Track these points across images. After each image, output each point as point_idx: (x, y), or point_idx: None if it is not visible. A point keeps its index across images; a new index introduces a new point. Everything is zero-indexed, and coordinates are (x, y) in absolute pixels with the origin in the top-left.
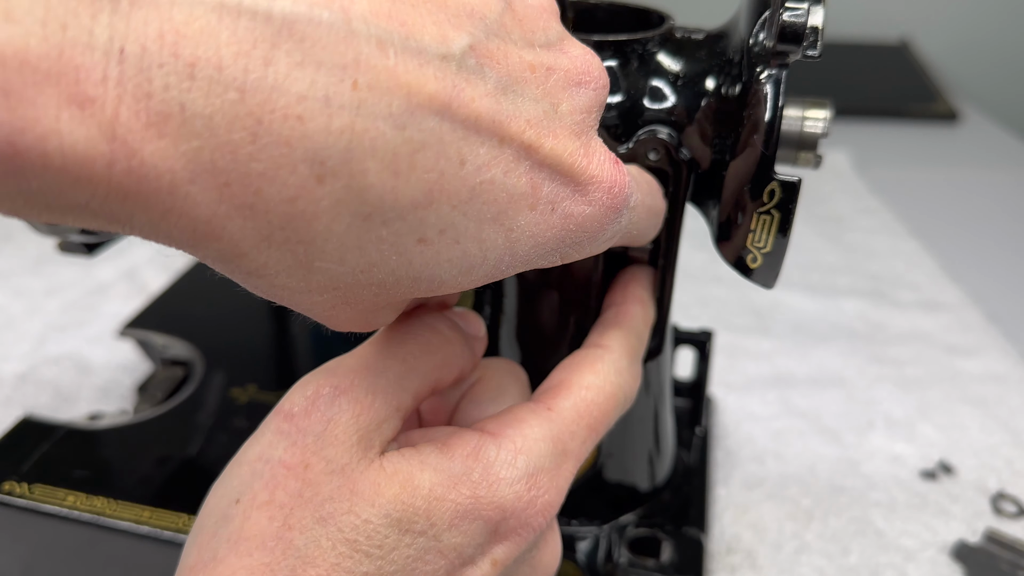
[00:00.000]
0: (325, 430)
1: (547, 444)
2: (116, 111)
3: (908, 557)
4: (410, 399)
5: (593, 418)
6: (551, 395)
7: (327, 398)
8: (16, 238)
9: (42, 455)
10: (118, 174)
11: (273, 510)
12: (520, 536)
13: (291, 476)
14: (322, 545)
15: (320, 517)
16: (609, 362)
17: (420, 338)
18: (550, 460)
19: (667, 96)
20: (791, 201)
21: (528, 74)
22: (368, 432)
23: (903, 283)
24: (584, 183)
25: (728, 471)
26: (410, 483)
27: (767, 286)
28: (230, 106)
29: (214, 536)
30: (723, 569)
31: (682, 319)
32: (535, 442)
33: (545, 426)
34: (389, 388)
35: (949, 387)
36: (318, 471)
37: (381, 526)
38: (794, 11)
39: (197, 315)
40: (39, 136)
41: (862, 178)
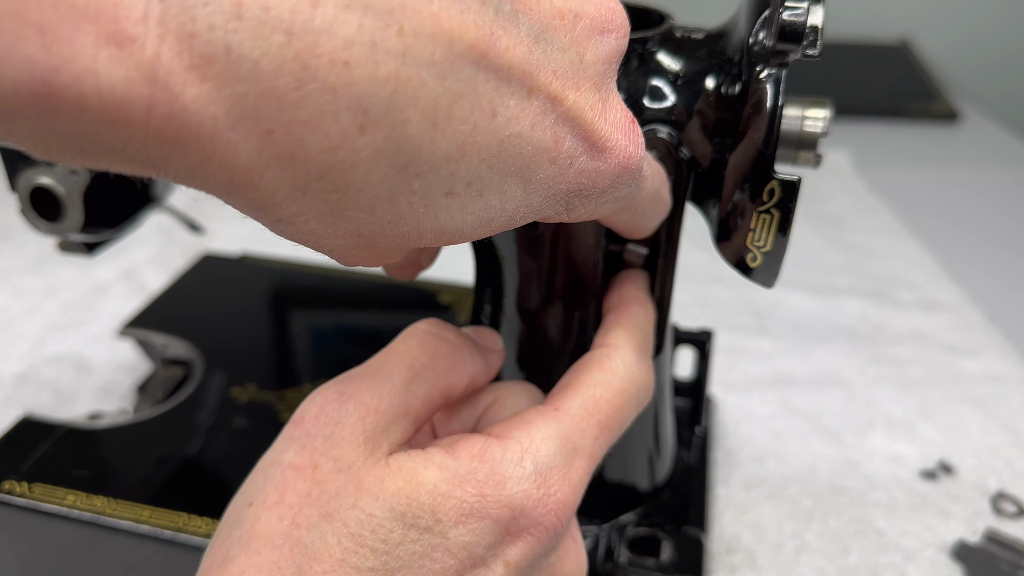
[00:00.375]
0: (333, 432)
1: (555, 443)
2: (157, 52)
3: (908, 557)
4: (419, 404)
5: (604, 414)
6: (558, 397)
7: (335, 403)
8: (16, 237)
9: (42, 454)
10: (157, 119)
11: (283, 509)
12: (533, 536)
13: (300, 477)
14: (328, 541)
15: (326, 513)
16: (616, 358)
17: (428, 345)
18: (559, 458)
19: (667, 95)
20: (791, 200)
21: (557, 21)
22: (374, 433)
23: (903, 283)
24: (601, 141)
25: (728, 471)
26: (414, 478)
27: (767, 285)
28: (277, 49)
29: (227, 538)
30: (723, 569)
31: (682, 319)
32: (542, 441)
33: (552, 425)
34: (396, 392)
35: (949, 387)
36: (326, 471)
37: (386, 520)
38: (794, 10)
39: (197, 315)
40: (75, 76)
41: (862, 178)
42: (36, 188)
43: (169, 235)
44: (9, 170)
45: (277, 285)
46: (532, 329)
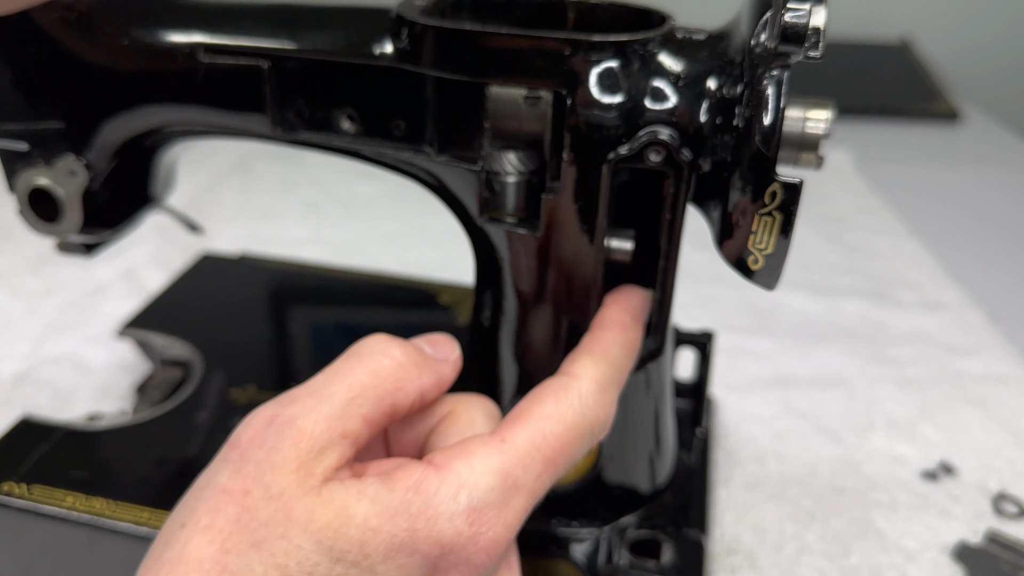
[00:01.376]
0: (266, 457)
1: (495, 478)
2: None
3: (909, 558)
4: (359, 425)
5: (551, 450)
6: (508, 426)
7: (270, 427)
8: (15, 238)
9: (41, 456)
10: None
11: (212, 534)
12: (461, 574)
13: (231, 502)
14: (255, 570)
15: (255, 542)
16: (574, 391)
17: (370, 365)
18: (497, 495)
19: (669, 97)
20: (793, 203)
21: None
22: (307, 460)
23: (904, 283)
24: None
25: (729, 472)
26: (345, 511)
27: (769, 287)
28: None
29: (158, 559)
30: (724, 570)
31: (683, 319)
32: (482, 475)
33: (495, 458)
34: (333, 415)
35: (950, 387)
36: (257, 497)
37: (312, 552)
38: (796, 12)
39: (196, 315)
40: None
41: (863, 178)
42: (35, 189)
43: (168, 235)
44: (7, 171)
45: (276, 285)
46: (531, 330)
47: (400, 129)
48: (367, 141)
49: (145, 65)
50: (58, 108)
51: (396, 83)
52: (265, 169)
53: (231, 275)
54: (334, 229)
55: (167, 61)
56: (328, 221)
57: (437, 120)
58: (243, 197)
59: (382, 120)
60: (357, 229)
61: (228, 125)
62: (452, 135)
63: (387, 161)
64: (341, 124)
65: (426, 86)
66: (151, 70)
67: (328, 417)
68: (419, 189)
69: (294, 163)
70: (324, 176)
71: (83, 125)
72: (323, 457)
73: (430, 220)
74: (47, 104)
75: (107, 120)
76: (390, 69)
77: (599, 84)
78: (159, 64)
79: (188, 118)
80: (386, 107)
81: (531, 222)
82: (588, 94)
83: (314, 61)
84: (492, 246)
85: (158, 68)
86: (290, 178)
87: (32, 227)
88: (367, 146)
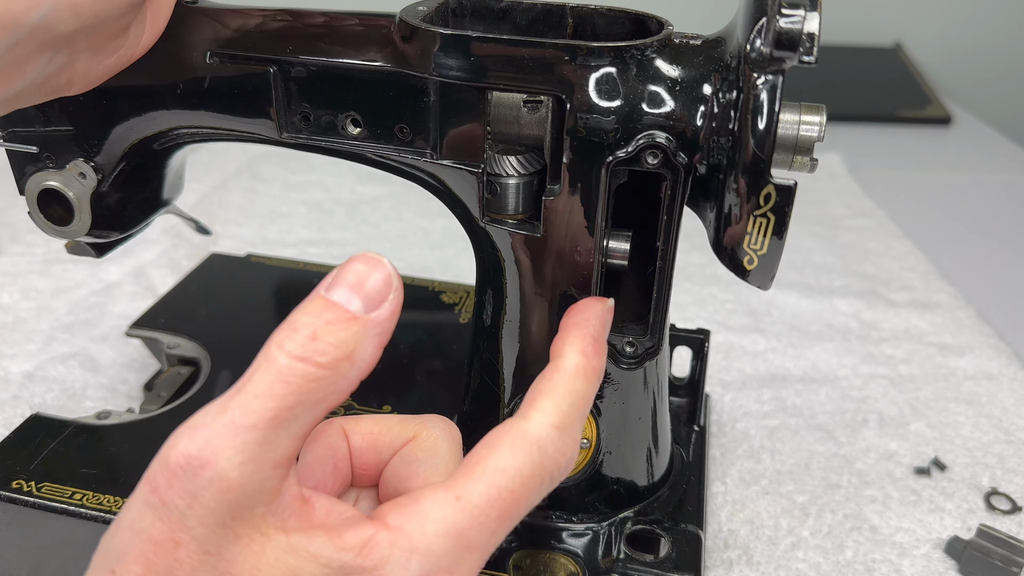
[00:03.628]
0: (190, 508)
1: (448, 541)
2: None
3: (902, 553)
4: (289, 444)
5: (506, 504)
6: (464, 479)
7: (188, 471)
8: (24, 239)
9: (50, 453)
10: None
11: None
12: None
13: (161, 553)
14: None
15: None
16: (532, 441)
17: (292, 375)
18: (450, 559)
19: (665, 101)
20: (786, 204)
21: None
22: (239, 509)
23: (897, 283)
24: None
25: (724, 468)
26: (292, 575)
27: (763, 287)
28: None
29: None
30: (720, 564)
31: (679, 319)
32: (435, 538)
33: (449, 520)
34: (260, 448)
35: (942, 385)
36: (190, 551)
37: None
38: (790, 18)
39: (204, 314)
40: None
41: (856, 180)
42: (45, 191)
43: (176, 236)
44: (18, 173)
45: (282, 285)
46: (532, 329)
47: (404, 133)
48: (371, 145)
49: (154, 70)
50: (67, 112)
51: (400, 88)
52: (271, 172)
53: (238, 275)
54: (339, 230)
55: (175, 66)
56: (333, 222)
57: (440, 124)
58: (250, 199)
59: (386, 124)
60: (361, 230)
61: (235, 129)
62: (454, 139)
63: (391, 164)
64: (346, 128)
65: (429, 91)
66: (160, 75)
67: (254, 455)
68: (422, 191)
69: (300, 166)
70: (329, 178)
71: (92, 129)
72: (256, 500)
73: (432, 221)
74: (57, 108)
75: (116, 124)
76: (394, 74)
77: (597, 89)
78: (168, 69)
79: (196, 122)
80: (390, 111)
81: (531, 223)
82: (587, 99)
83: (319, 66)
84: (493, 247)
85: (167, 73)
86: (296, 180)
87: (42, 229)
88: (371, 149)
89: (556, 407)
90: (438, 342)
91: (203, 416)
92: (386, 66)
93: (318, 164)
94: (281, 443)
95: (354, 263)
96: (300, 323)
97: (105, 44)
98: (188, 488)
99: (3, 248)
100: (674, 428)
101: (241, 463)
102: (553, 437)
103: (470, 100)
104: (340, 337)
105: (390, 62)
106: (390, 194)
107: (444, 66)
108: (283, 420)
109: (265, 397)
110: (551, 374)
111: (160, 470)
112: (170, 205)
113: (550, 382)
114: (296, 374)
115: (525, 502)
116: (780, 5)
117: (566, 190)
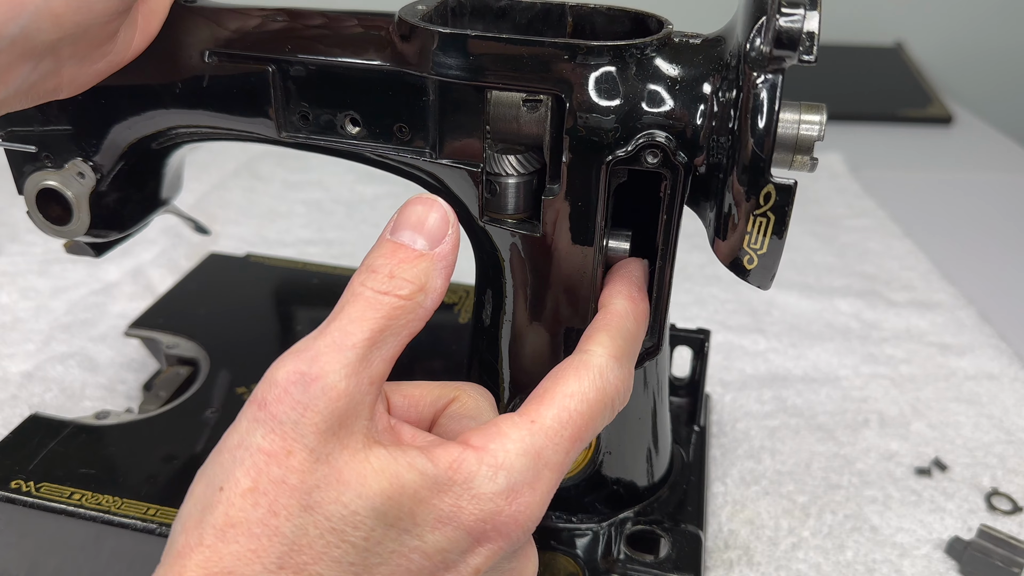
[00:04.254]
0: (302, 418)
1: (528, 459)
2: None
3: (903, 553)
4: (383, 367)
5: (576, 426)
6: (535, 405)
7: (299, 386)
8: (23, 238)
9: (49, 453)
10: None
11: (257, 496)
12: (499, 545)
13: (273, 463)
14: (309, 533)
15: (307, 505)
16: (593, 367)
17: (380, 305)
18: (531, 473)
19: (665, 100)
20: (786, 203)
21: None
22: (346, 419)
23: (897, 283)
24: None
25: (725, 468)
26: (398, 481)
27: (763, 287)
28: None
29: (200, 522)
30: (720, 565)
31: (679, 319)
32: (516, 457)
33: (527, 440)
34: (361, 364)
35: (943, 385)
36: (301, 459)
37: (368, 518)
38: (790, 17)
39: (203, 314)
40: None
41: (857, 180)
42: (43, 190)
43: (175, 236)
44: (17, 172)
45: (281, 285)
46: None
47: (403, 132)
48: (370, 144)
49: (152, 70)
50: (66, 112)
51: (399, 87)
52: (270, 171)
53: (237, 275)
54: (338, 230)
55: (174, 66)
56: (332, 222)
57: (439, 123)
58: (249, 198)
59: (385, 123)
60: (361, 230)
61: (234, 128)
62: (453, 138)
63: (390, 163)
64: (345, 127)
65: (428, 90)
66: (158, 74)
67: (356, 369)
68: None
69: (299, 165)
70: (328, 178)
71: (91, 128)
72: (359, 413)
73: None
74: (55, 108)
75: (115, 123)
76: (393, 73)
77: (597, 88)
78: (166, 69)
79: (195, 121)
80: (389, 111)
81: (531, 223)
82: (586, 98)
83: (318, 66)
84: (493, 246)
85: (165, 72)
86: (295, 180)
87: (40, 228)
88: (370, 149)
89: (612, 340)
90: (437, 342)
91: (304, 342)
92: (385, 65)
93: (317, 163)
94: (375, 362)
95: (412, 205)
96: (376, 264)
97: (92, 51)
98: (301, 399)
99: (2, 248)
100: (674, 428)
101: (347, 375)
102: (612, 366)
103: (469, 99)
104: (414, 272)
105: (389, 61)
106: (389, 194)
107: (443, 65)
108: (376, 341)
109: (359, 321)
110: (603, 315)
111: (269, 388)
112: (169, 205)
113: (604, 321)
114: (383, 303)
115: (592, 425)
116: (780, 4)
117: (565, 189)
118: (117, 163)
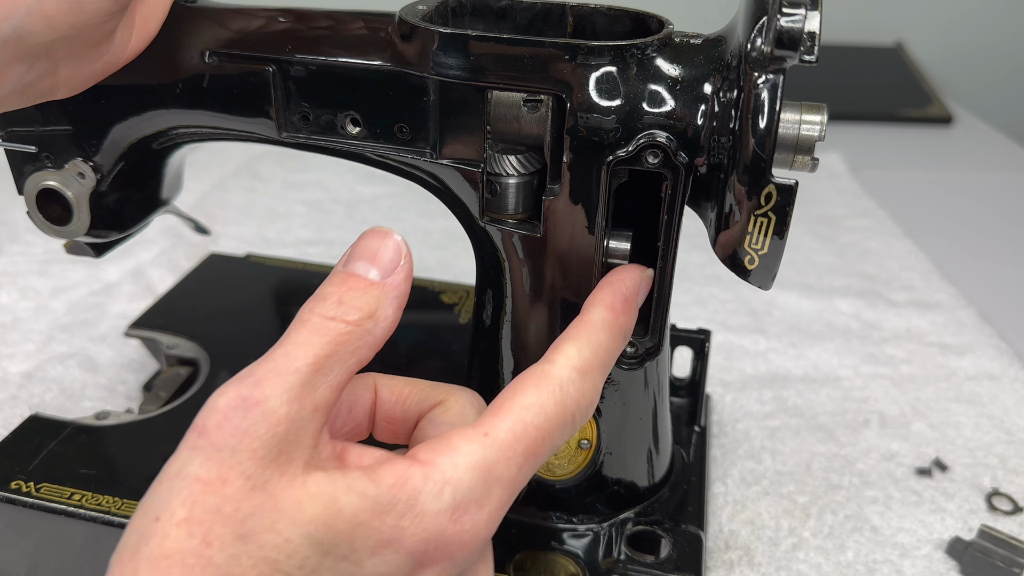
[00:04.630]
0: (240, 444)
1: (476, 474)
2: None
3: (904, 554)
4: (328, 393)
5: (532, 441)
6: (490, 417)
7: (239, 411)
8: (23, 238)
9: (49, 453)
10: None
11: (192, 527)
12: (443, 568)
13: (208, 492)
14: (243, 563)
15: (241, 534)
16: (555, 379)
17: (326, 332)
18: (479, 490)
19: (666, 100)
20: (787, 204)
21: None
22: (287, 444)
23: (898, 283)
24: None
25: (725, 468)
26: (334, 505)
27: (764, 287)
28: None
29: (135, 554)
30: (721, 565)
31: (680, 319)
32: (464, 472)
33: (478, 454)
34: (304, 390)
35: (944, 385)
36: (237, 487)
37: (303, 546)
38: (791, 17)
39: (203, 315)
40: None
41: (857, 180)
42: (43, 190)
43: (175, 236)
44: (17, 172)
45: (281, 285)
46: (532, 329)
47: (403, 132)
48: (371, 144)
49: (152, 69)
50: (66, 112)
51: (399, 87)
52: (270, 171)
53: (237, 275)
54: (338, 230)
55: (174, 66)
56: (332, 222)
57: (439, 123)
58: (249, 198)
59: (385, 124)
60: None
61: (234, 128)
62: (454, 138)
63: (390, 164)
64: (345, 127)
65: (428, 90)
66: (158, 74)
67: (298, 394)
68: (422, 191)
69: (299, 165)
70: (328, 178)
71: (91, 128)
72: (300, 440)
73: (432, 221)
74: (55, 108)
75: (115, 123)
76: (393, 73)
77: (598, 88)
78: (166, 68)
79: (195, 121)
80: (389, 111)
81: (531, 223)
82: (587, 98)
83: (319, 66)
84: (493, 247)
85: (165, 72)
86: (295, 180)
87: (40, 228)
88: (371, 149)
89: (579, 352)
90: (438, 342)
91: (248, 369)
92: (385, 65)
93: (317, 163)
94: (320, 388)
95: (367, 238)
96: (326, 293)
97: (87, 52)
98: (240, 425)
99: (2, 248)
100: (675, 429)
101: (288, 400)
102: (574, 379)
103: (470, 99)
104: (363, 300)
105: (389, 61)
106: (390, 194)
107: (443, 65)
108: (321, 367)
109: (304, 346)
110: (576, 325)
111: (209, 415)
112: (169, 205)
113: (574, 331)
114: (329, 329)
115: (550, 439)
116: (781, 4)
117: (566, 190)
118: (117, 163)
